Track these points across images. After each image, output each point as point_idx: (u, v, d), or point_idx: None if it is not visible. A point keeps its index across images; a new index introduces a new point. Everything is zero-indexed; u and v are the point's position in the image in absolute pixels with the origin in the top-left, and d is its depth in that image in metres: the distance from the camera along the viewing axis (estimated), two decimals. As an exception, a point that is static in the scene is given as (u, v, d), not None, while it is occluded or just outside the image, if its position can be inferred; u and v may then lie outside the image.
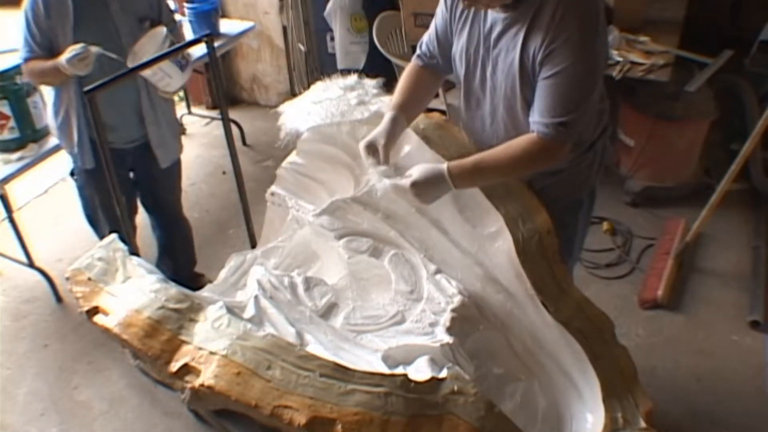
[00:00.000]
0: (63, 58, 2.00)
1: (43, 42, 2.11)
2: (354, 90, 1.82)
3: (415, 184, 1.45)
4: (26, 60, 2.15)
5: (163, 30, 2.13)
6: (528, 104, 1.49)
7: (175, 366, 1.29)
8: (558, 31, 1.36)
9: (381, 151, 1.52)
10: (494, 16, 1.47)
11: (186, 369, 1.29)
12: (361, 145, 1.53)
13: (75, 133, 2.22)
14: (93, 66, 2.02)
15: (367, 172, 1.57)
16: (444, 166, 1.45)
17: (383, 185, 1.50)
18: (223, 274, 1.83)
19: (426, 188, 1.46)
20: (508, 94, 1.51)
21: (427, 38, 1.68)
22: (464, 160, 1.47)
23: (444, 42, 1.64)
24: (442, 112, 3.22)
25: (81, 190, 2.50)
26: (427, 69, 1.70)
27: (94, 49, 2.01)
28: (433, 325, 1.53)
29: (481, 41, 1.52)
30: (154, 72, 2.06)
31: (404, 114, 1.59)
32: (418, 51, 1.71)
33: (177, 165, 2.54)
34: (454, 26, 1.58)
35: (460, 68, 1.61)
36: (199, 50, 3.22)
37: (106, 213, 2.41)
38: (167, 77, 2.11)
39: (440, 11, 1.62)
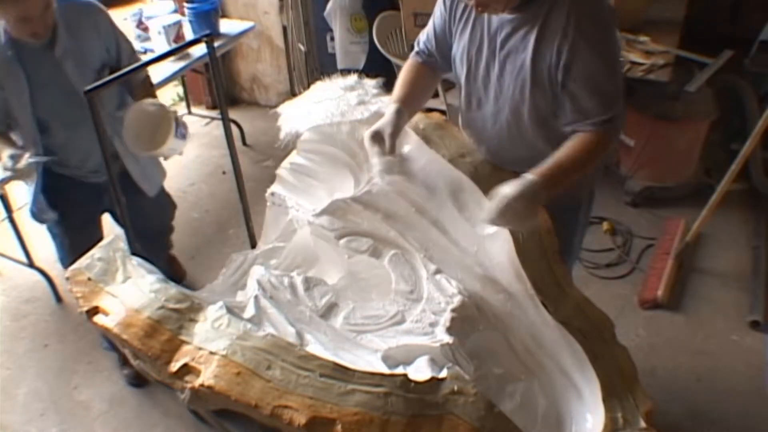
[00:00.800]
0: (3, 161, 1.92)
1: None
2: (354, 90, 1.82)
3: (511, 199, 1.34)
4: None
5: (167, 115, 1.98)
6: (536, 106, 1.49)
7: (175, 366, 1.29)
8: (577, 33, 1.36)
9: (387, 141, 1.51)
10: (500, 18, 1.46)
11: (186, 369, 1.29)
12: (367, 134, 1.53)
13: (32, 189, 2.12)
14: (35, 171, 1.95)
15: (371, 162, 1.55)
16: (530, 175, 1.37)
17: (382, 178, 1.51)
18: (223, 274, 1.83)
19: (527, 198, 1.35)
20: (516, 96, 1.50)
21: (425, 37, 1.68)
22: (543, 167, 1.40)
23: (442, 41, 1.63)
24: (442, 112, 3.22)
25: (54, 235, 2.35)
26: (426, 65, 1.70)
27: (27, 156, 1.92)
28: (433, 325, 1.53)
29: (486, 43, 1.51)
30: (161, 153, 2.01)
31: (406, 107, 1.59)
32: (416, 48, 1.71)
33: (163, 192, 2.48)
34: (454, 27, 1.58)
35: (460, 69, 1.60)
36: (199, 50, 3.24)
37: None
38: (172, 151, 2.04)
39: (438, 11, 1.61)
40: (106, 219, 2.38)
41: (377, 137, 1.52)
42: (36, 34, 1.90)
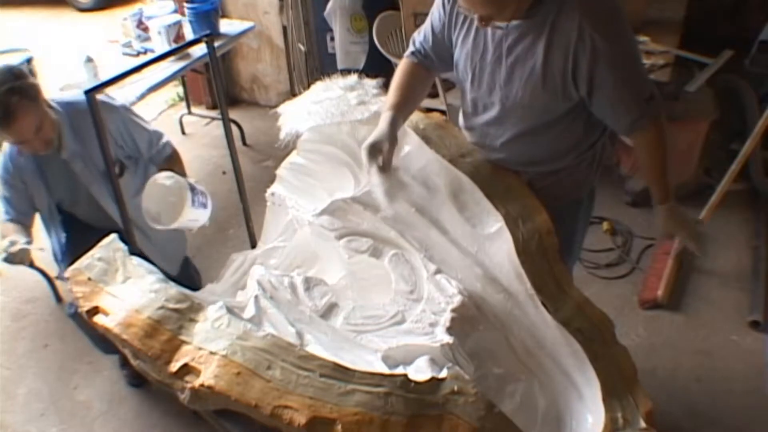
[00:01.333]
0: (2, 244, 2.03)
1: (21, 204, 2.17)
2: (354, 90, 1.82)
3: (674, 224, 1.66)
4: (6, 221, 2.18)
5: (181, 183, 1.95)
6: (545, 110, 1.50)
7: (175, 366, 1.29)
8: (594, 35, 1.36)
9: (386, 155, 1.51)
10: (506, 25, 1.46)
11: (186, 369, 1.28)
12: (364, 147, 1.52)
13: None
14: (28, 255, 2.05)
15: (371, 179, 1.55)
16: (659, 206, 1.67)
17: (388, 204, 1.54)
18: (223, 274, 1.83)
19: (677, 219, 1.67)
20: (525, 101, 1.50)
21: (421, 37, 1.67)
22: (657, 189, 1.67)
23: (440, 43, 1.63)
24: (442, 112, 3.22)
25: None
26: (421, 66, 1.69)
27: (20, 243, 2.02)
28: (433, 325, 1.53)
29: (490, 49, 1.51)
30: (180, 225, 1.95)
31: (401, 114, 1.59)
32: (411, 48, 1.70)
33: (188, 264, 2.48)
34: (454, 33, 1.57)
35: (464, 76, 1.60)
36: (199, 50, 3.24)
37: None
38: (193, 222, 1.99)
39: (437, 13, 1.60)
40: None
41: (375, 151, 1.51)
42: (37, 151, 2.01)
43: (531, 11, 1.40)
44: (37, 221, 2.27)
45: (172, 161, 2.24)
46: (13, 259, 1.99)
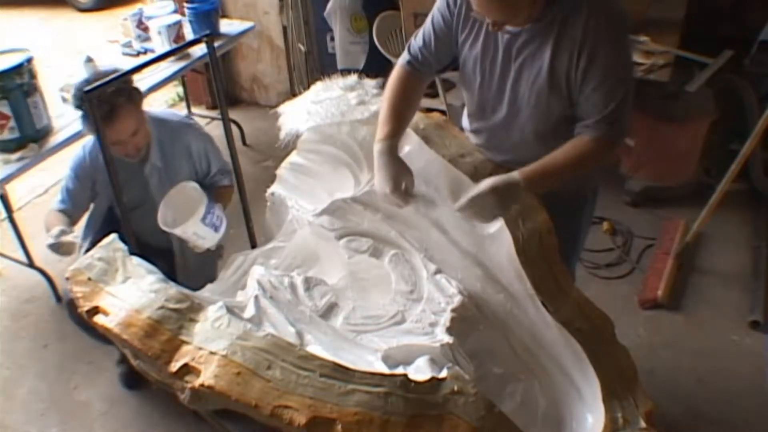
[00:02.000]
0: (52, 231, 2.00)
1: (80, 199, 2.20)
2: (354, 90, 1.82)
3: (495, 190, 1.42)
4: (57, 210, 2.18)
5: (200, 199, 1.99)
6: (552, 112, 1.51)
7: (175, 366, 1.29)
8: (596, 39, 1.38)
9: (409, 190, 1.54)
10: (515, 28, 1.47)
11: (186, 369, 1.29)
12: (386, 190, 1.51)
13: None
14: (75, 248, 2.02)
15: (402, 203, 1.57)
16: (516, 173, 1.45)
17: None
18: (223, 274, 1.83)
19: (503, 194, 1.43)
20: (531, 103, 1.52)
21: (420, 42, 1.64)
22: (530, 168, 1.46)
23: (442, 46, 1.61)
24: (442, 112, 3.22)
25: None
26: (416, 75, 1.67)
27: (72, 234, 2.01)
28: (433, 325, 1.53)
29: (500, 52, 1.51)
30: (184, 233, 1.97)
31: (399, 137, 1.59)
32: (407, 56, 1.67)
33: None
34: (461, 35, 1.57)
35: (473, 78, 1.60)
36: (199, 50, 3.24)
37: None
38: (200, 239, 2.00)
39: (439, 15, 1.59)
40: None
41: (398, 189, 1.51)
42: (128, 155, 2.07)
43: (541, 14, 1.41)
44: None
45: (222, 192, 2.28)
46: (59, 249, 1.97)
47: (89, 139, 2.18)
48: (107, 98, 1.88)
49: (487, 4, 1.37)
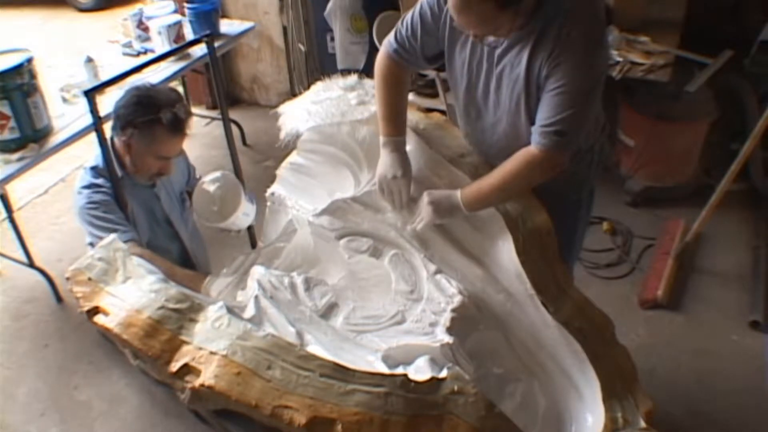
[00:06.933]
0: None
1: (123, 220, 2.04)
2: (354, 90, 1.82)
3: (432, 203, 1.55)
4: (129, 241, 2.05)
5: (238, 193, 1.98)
6: (531, 118, 1.50)
7: (175, 366, 1.29)
8: (564, 47, 1.38)
9: (404, 192, 1.61)
10: None
11: (186, 369, 1.28)
12: (396, 174, 1.59)
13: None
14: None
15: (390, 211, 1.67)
16: (457, 192, 1.54)
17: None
18: (223, 274, 1.83)
19: (439, 209, 1.56)
20: (512, 109, 1.53)
21: (408, 31, 1.61)
22: (469, 189, 1.54)
23: (429, 41, 1.60)
24: (442, 112, 3.22)
25: None
26: (402, 65, 1.66)
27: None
28: (433, 325, 1.53)
29: (485, 57, 1.52)
30: (236, 218, 1.97)
31: (401, 132, 1.63)
32: (394, 44, 1.64)
33: None
34: (448, 39, 1.57)
35: (460, 81, 1.61)
36: (199, 50, 3.24)
37: None
38: (246, 216, 2.02)
39: (428, 11, 1.57)
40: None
41: (407, 175, 1.59)
42: (161, 173, 2.00)
43: (524, 23, 1.41)
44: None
45: None
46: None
47: (85, 181, 1.95)
48: (178, 110, 1.85)
49: (467, 22, 1.38)
